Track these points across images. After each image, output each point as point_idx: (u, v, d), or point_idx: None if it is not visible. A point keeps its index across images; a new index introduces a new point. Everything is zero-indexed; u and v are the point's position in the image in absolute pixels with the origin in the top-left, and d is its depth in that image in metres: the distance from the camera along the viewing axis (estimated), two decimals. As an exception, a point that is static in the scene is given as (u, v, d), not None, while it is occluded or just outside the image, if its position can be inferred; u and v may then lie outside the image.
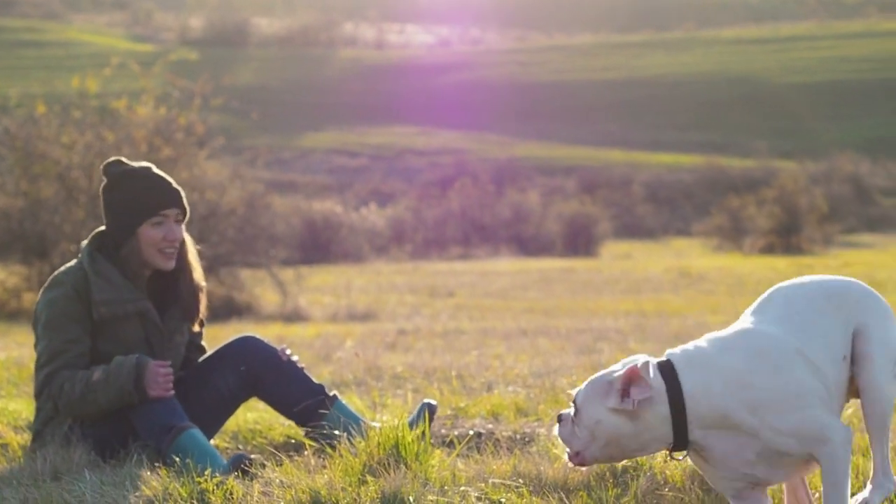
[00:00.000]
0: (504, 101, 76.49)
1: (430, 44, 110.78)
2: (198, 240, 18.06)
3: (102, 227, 5.62)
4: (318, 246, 32.85)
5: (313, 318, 16.65)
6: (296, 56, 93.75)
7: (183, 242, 5.60)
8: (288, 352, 5.76)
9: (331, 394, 5.72)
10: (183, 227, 5.58)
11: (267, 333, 8.98)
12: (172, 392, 5.32)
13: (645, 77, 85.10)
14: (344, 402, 5.81)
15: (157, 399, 5.29)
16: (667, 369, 4.03)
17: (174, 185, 5.58)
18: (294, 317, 16.69)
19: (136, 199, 5.48)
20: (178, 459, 4.98)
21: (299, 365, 5.77)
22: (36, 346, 5.51)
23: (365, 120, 70.61)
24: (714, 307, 17.41)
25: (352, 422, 5.53)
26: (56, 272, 5.57)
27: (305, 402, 5.64)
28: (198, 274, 5.68)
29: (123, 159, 5.63)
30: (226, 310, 16.96)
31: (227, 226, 18.32)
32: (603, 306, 18.06)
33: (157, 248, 5.47)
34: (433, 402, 5.58)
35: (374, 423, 5.39)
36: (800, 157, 58.86)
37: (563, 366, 8.93)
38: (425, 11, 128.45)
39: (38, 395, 5.48)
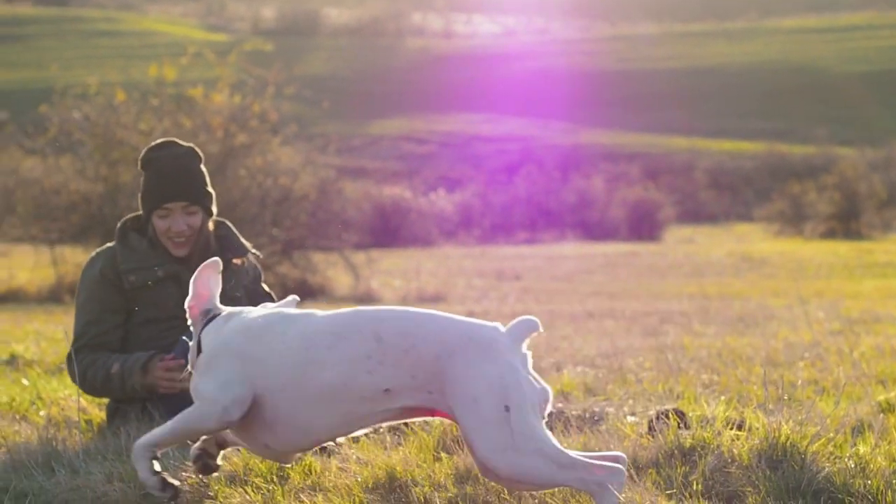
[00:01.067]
0: (569, 89, 76.29)
1: (496, 33, 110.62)
2: (272, 224, 18.23)
3: None
4: (387, 230, 33.02)
5: (385, 300, 16.85)
6: (365, 45, 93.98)
7: (201, 231, 5.64)
8: None
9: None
10: (200, 215, 5.61)
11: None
12: (182, 380, 5.30)
13: (707, 66, 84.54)
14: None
15: None
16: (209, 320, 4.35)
17: (184, 176, 5.60)
18: (366, 299, 16.90)
19: (146, 190, 5.63)
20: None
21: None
22: None
23: (433, 108, 70.72)
24: (776, 290, 17.42)
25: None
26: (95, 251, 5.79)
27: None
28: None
29: (171, 141, 5.74)
30: (300, 291, 17.13)
31: (300, 210, 18.55)
32: (667, 289, 18.13)
33: (166, 236, 5.60)
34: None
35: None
36: (859, 145, 58.40)
37: (630, 347, 9.06)
38: (491, 1, 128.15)
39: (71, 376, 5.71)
